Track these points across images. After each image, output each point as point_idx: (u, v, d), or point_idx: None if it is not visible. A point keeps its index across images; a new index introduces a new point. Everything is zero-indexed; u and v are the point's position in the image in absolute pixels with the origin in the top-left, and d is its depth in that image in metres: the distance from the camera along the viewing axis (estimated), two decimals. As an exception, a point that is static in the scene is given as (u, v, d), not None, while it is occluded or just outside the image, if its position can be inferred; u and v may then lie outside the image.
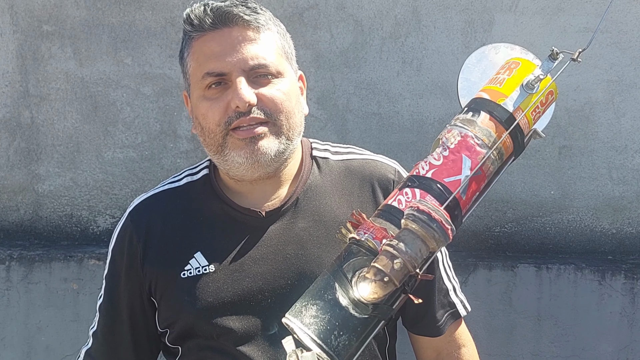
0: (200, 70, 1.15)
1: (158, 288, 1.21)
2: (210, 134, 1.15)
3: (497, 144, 0.83)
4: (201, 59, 1.15)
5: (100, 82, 2.27)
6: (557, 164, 2.31)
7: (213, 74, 1.13)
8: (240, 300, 1.16)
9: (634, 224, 2.34)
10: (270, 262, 1.18)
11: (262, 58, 1.14)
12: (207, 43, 1.15)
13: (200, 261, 1.19)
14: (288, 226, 1.20)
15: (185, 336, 1.21)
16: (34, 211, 2.31)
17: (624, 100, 2.29)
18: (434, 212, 0.76)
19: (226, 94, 1.13)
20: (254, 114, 1.12)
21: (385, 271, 0.77)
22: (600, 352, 2.22)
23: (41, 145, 2.30)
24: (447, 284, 1.24)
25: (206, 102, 1.15)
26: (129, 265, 1.24)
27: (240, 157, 1.13)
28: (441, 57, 2.26)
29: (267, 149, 1.13)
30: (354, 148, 1.31)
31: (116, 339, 1.28)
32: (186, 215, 1.23)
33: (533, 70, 0.88)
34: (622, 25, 2.25)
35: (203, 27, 1.15)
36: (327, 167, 1.26)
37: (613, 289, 2.21)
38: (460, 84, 0.97)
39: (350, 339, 0.80)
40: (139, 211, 1.27)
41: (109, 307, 1.28)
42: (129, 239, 1.24)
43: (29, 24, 2.24)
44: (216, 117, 1.13)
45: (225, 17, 1.14)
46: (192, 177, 1.29)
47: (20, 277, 2.17)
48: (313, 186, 1.23)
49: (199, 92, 1.16)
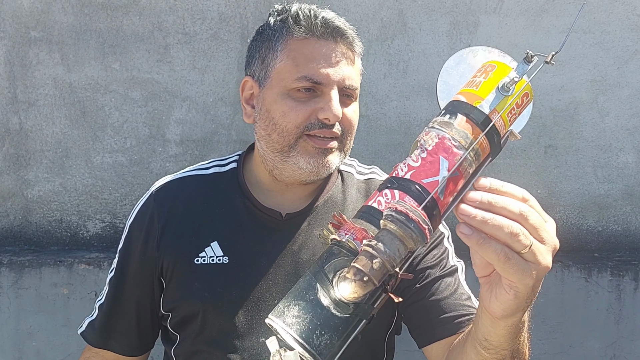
0: (297, 70, 1.16)
1: (169, 270, 1.23)
2: (283, 132, 1.17)
3: (473, 145, 0.85)
4: (300, 60, 1.16)
5: (89, 87, 2.27)
6: (543, 163, 2.33)
7: (311, 80, 1.15)
8: (248, 297, 1.18)
9: (620, 221, 2.37)
10: (283, 265, 1.20)
11: (354, 81, 1.19)
12: (311, 47, 1.16)
13: (215, 251, 1.21)
14: (304, 231, 1.22)
15: (186, 323, 1.23)
16: (24, 217, 2.32)
17: (607, 100, 2.32)
18: (412, 212, 0.78)
19: (314, 101, 1.16)
20: (335, 128, 1.17)
21: (365, 271, 0.78)
22: (588, 349, 2.25)
23: (30, 151, 2.30)
24: (467, 291, 1.24)
25: (292, 101, 1.16)
26: (145, 242, 1.25)
27: (308, 163, 1.17)
28: (427, 58, 2.28)
29: (332, 163, 1.19)
30: (377, 168, 1.37)
31: (121, 313, 1.30)
32: (209, 204, 1.26)
33: (508, 73, 0.89)
34: (605, 25, 2.28)
35: (311, 30, 1.16)
36: (350, 182, 1.31)
37: (599, 286, 2.23)
38: (439, 87, 0.99)
39: (332, 338, 0.82)
40: (164, 192, 1.29)
41: (119, 281, 1.29)
42: (149, 217, 1.26)
43: (17, 30, 2.25)
44: (299, 119, 1.15)
45: (336, 30, 1.17)
46: (220, 168, 1.32)
47: (10, 282, 2.17)
48: (334, 197, 1.27)
49: (283, 89, 1.17)
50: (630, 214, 2.37)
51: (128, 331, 1.30)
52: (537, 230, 0.76)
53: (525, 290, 0.78)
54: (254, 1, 2.26)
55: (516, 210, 0.76)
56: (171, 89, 2.28)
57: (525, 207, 0.77)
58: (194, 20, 2.25)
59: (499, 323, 0.86)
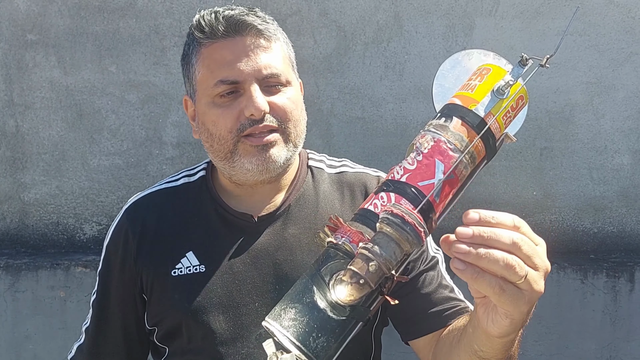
0: (212, 77, 1.15)
1: (149, 284, 1.23)
2: (220, 140, 1.16)
3: (468, 148, 0.85)
4: (213, 66, 1.15)
5: (85, 90, 2.27)
6: (539, 165, 2.34)
7: (227, 82, 1.14)
8: (228, 303, 1.18)
9: (615, 223, 2.38)
10: (260, 267, 1.19)
11: (274, 67, 1.16)
12: (219, 50, 1.15)
13: (191, 260, 1.21)
14: (279, 232, 1.22)
15: (172, 335, 1.23)
16: (20, 220, 2.32)
17: (603, 102, 2.33)
18: (407, 215, 0.78)
19: (238, 102, 1.14)
20: (267, 121, 1.14)
21: (361, 273, 0.78)
22: (584, 350, 2.25)
23: (26, 154, 2.30)
24: (450, 282, 1.24)
25: (217, 108, 1.16)
26: (122, 261, 1.25)
27: (251, 163, 1.15)
28: (423, 61, 2.29)
29: (278, 156, 1.15)
30: (348, 161, 1.34)
31: (108, 334, 1.29)
32: (181, 215, 1.25)
33: (504, 76, 0.90)
34: (599, 28, 2.29)
35: (215, 34, 1.15)
36: (320, 177, 1.29)
37: (595, 287, 2.24)
38: (435, 90, 0.99)
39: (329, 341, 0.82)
40: (135, 209, 1.29)
41: (101, 303, 1.29)
42: (124, 236, 1.26)
43: (13, 33, 2.25)
44: (228, 124, 1.14)
45: (239, 25, 1.15)
46: (189, 178, 1.31)
47: (7, 286, 2.17)
48: (306, 195, 1.26)
49: (208, 98, 1.17)
50: (626, 216, 2.38)
51: (117, 351, 1.30)
52: (530, 258, 0.76)
53: (520, 316, 0.79)
54: (250, 4, 2.26)
55: (509, 241, 0.75)
56: (168, 91, 2.28)
57: (517, 236, 0.76)
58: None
59: (495, 340, 0.87)
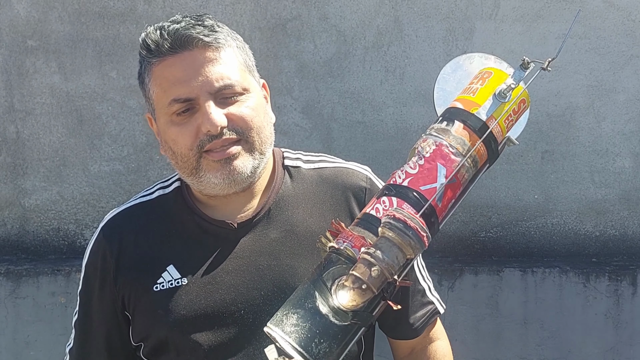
0: (165, 96, 1.12)
1: (131, 302, 1.21)
2: (183, 157, 1.14)
3: (471, 152, 0.85)
4: (165, 85, 1.13)
5: (86, 96, 2.27)
6: (540, 169, 2.34)
7: (180, 100, 1.11)
8: (213, 313, 1.16)
9: (617, 226, 2.38)
10: (243, 274, 1.17)
11: (227, 78, 1.13)
12: (168, 68, 1.12)
13: (172, 274, 1.19)
14: (260, 237, 1.19)
15: (159, 350, 1.21)
16: (21, 226, 2.31)
17: (604, 105, 2.33)
18: (410, 220, 0.78)
19: (195, 118, 1.12)
20: (226, 135, 1.11)
21: (363, 279, 0.78)
22: (587, 354, 2.24)
23: (27, 160, 2.30)
24: (422, 284, 1.25)
25: (175, 127, 1.13)
26: (102, 280, 1.23)
27: (216, 178, 1.13)
28: (423, 65, 2.29)
29: (243, 167, 1.13)
30: (326, 156, 1.31)
31: (92, 354, 1.27)
32: (158, 229, 1.23)
33: (505, 80, 0.90)
34: (600, 31, 2.29)
35: (162, 52, 1.12)
36: (299, 176, 1.26)
37: (598, 291, 2.23)
38: (436, 93, 0.99)
39: (331, 346, 0.82)
40: (112, 226, 1.26)
41: (84, 323, 1.27)
42: (102, 255, 1.23)
43: (13, 39, 2.25)
44: (187, 141, 1.12)
45: (184, 40, 1.11)
46: (164, 190, 1.28)
47: (8, 292, 2.16)
48: (285, 196, 1.23)
49: (166, 117, 1.14)
50: (628, 219, 2.37)
51: None
52: None
53: None
54: (250, 9, 2.26)
55: None
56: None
57: None
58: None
59: None
